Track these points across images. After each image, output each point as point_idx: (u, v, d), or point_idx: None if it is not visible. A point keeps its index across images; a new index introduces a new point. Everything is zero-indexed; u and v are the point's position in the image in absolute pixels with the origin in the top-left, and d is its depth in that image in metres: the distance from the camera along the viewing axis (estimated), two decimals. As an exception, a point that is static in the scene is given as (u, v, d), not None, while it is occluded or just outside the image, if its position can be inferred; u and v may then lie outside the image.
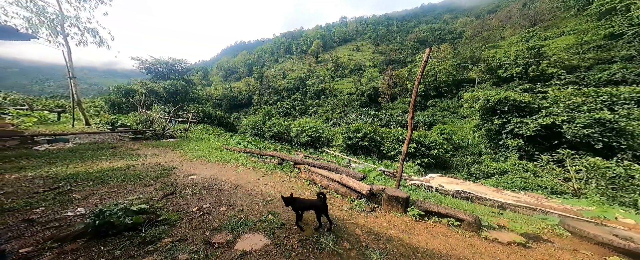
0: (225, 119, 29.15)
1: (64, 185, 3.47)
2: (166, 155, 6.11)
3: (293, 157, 5.13)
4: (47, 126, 10.93)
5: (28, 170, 4.02)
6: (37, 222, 2.37)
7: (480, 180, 11.57)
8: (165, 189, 3.67)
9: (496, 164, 12.39)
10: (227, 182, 4.29)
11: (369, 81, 58.57)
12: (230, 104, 67.18)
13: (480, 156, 15.49)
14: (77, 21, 11.99)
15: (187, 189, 3.74)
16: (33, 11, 10.63)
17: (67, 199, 3.01)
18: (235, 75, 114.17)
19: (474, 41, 59.33)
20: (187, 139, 8.78)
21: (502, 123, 13.05)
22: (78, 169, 4.39)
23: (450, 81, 46.64)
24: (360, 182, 3.66)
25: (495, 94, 13.18)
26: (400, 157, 3.53)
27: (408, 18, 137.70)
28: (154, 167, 4.93)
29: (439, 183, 5.51)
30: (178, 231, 2.40)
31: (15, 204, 2.72)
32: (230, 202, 3.37)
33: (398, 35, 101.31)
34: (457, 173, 14.50)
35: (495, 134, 13.89)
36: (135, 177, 4.09)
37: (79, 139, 7.95)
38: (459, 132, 21.26)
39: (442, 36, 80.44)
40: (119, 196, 3.29)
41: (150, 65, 27.62)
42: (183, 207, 3.10)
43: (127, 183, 3.81)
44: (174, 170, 4.81)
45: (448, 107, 41.66)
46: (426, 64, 3.29)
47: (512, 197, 4.72)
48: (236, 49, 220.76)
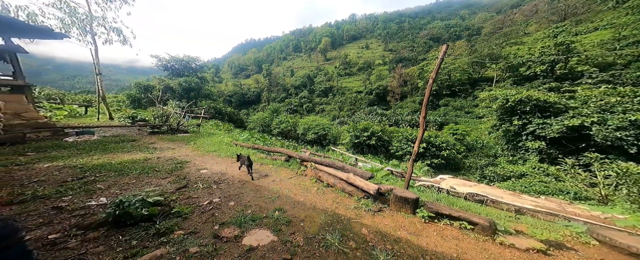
0: (235, 115, 29.90)
1: (89, 176, 3.74)
2: (180, 149, 6.38)
3: (300, 154, 5.17)
4: (76, 119, 11.79)
5: (59, 160, 4.37)
6: (64, 209, 2.58)
7: (494, 183, 11.07)
8: (179, 182, 3.83)
9: (513, 167, 11.77)
10: (236, 177, 4.41)
11: (378, 79, 57.84)
12: (240, 101, 68.80)
13: (496, 158, 14.81)
14: (103, 21, 12.72)
15: (198, 183, 3.89)
16: (66, 12, 11.41)
17: (92, 189, 3.24)
18: (245, 72, 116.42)
19: (494, 37, 56.15)
20: (199, 134, 9.12)
21: (523, 124, 12.29)
22: (102, 160, 4.70)
23: (465, 80, 44.81)
24: (367, 182, 3.62)
25: (516, 93, 12.39)
26: (411, 157, 3.44)
27: (421, 15, 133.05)
28: (168, 160, 5.16)
29: (451, 185, 5.32)
30: (189, 224, 2.51)
31: (47, 191, 2.97)
32: (239, 197, 3.47)
33: (410, 32, 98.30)
34: (470, 175, 13.98)
35: (514, 136, 13.12)
36: (152, 170, 4.31)
37: (103, 131, 8.49)
38: (473, 133, 20.36)
39: (458, 33, 76.93)
40: (137, 187, 3.49)
41: (167, 62, 28.89)
42: (194, 200, 3.23)
43: (144, 175, 4.03)
44: (187, 164, 5.01)
45: (461, 106, 40.34)
46: (442, 61, 3.15)
47: (530, 201, 4.46)
48: (246, 46, 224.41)
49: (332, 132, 22.07)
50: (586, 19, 44.79)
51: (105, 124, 10.27)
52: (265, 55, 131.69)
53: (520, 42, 44.53)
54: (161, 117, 10.33)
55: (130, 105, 22.10)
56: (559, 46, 26.76)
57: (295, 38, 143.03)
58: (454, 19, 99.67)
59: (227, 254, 2.00)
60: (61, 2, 11.08)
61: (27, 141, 5.69)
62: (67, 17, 11.33)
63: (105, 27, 12.80)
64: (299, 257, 2.06)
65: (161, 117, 10.33)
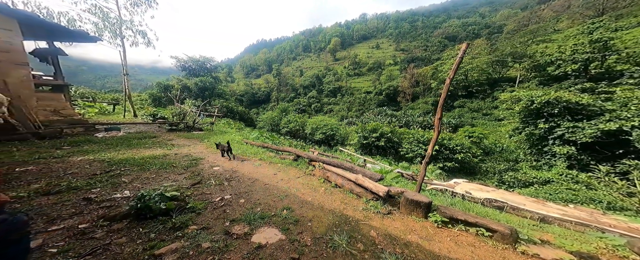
0: (245, 114, 30.68)
1: (115, 169, 4.04)
2: (195, 146, 6.69)
3: (308, 154, 5.20)
4: (105, 116, 12.78)
5: (90, 154, 4.78)
6: (93, 201, 2.81)
7: (514, 189, 10.48)
8: (193, 179, 4.02)
9: (537, 173, 10.98)
10: (246, 175, 4.53)
11: (389, 79, 56.78)
12: (250, 100, 70.38)
13: (517, 163, 13.93)
14: (131, 24, 13.68)
15: (211, 179, 4.05)
16: (100, 17, 12.43)
17: (117, 182, 3.50)
18: (256, 72, 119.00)
19: (518, 35, 52.65)
20: (212, 132, 9.50)
21: (549, 127, 11.38)
22: (126, 155, 5.06)
23: (483, 80, 42.57)
24: (377, 184, 3.56)
25: (543, 94, 11.49)
26: (424, 160, 3.33)
27: (436, 13, 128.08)
28: (184, 157, 5.43)
29: (466, 189, 5.06)
30: (202, 219, 2.63)
31: (79, 183, 3.25)
32: (249, 195, 3.56)
33: (423, 31, 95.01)
34: (487, 180, 13.30)
35: (539, 140, 12.21)
36: (170, 166, 4.56)
37: (127, 128, 9.12)
38: (491, 136, 19.30)
39: (477, 31, 73.02)
40: (157, 182, 3.71)
41: (185, 63, 30.42)
42: (207, 196, 3.37)
43: (163, 170, 4.27)
44: (201, 161, 5.24)
45: (479, 108, 38.39)
46: (461, 60, 3.01)
47: (557, 209, 4.13)
48: (258, 47, 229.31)
49: (340, 133, 21.99)
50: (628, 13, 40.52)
51: (129, 121, 11.03)
52: (275, 55, 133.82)
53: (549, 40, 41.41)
54: (179, 115, 10.90)
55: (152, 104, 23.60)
56: (595, 43, 24.48)
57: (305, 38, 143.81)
58: (472, 17, 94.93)
59: (237, 251, 2.07)
60: (96, 7, 12.10)
61: (64, 136, 6.27)
62: (100, 21, 12.34)
63: (132, 30, 13.79)
64: (307, 257, 2.07)
65: (179, 115, 10.90)
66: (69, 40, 7.54)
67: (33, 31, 6.65)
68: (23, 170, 3.73)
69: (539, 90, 12.50)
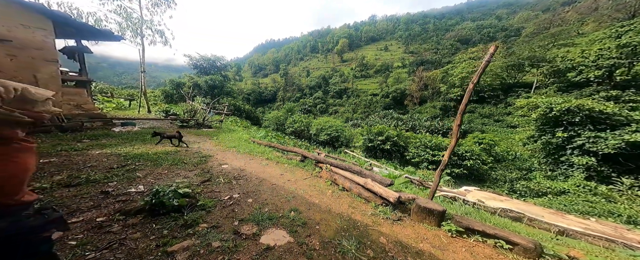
0: (252, 112, 31.07)
1: (130, 164, 4.19)
2: (204, 143, 6.84)
3: (315, 155, 5.19)
4: (121, 111, 13.31)
5: (107, 148, 4.98)
6: (110, 194, 2.91)
7: (526, 199, 10.13)
8: (203, 176, 4.10)
9: (552, 183, 10.53)
10: (254, 174, 4.57)
11: (396, 82, 56.04)
12: (257, 99, 71.07)
13: (530, 172, 13.41)
14: (151, 24, 14.19)
15: (220, 177, 4.11)
16: (123, 17, 12.99)
17: (132, 176, 3.62)
18: (264, 71, 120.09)
19: (537, 39, 50.48)
20: (221, 130, 9.68)
21: (568, 137, 10.84)
22: (140, 150, 5.23)
23: (497, 85, 41.20)
24: (387, 189, 3.49)
25: (563, 102, 10.95)
26: (440, 167, 3.23)
27: (449, 15, 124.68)
28: (194, 154, 5.55)
29: (478, 198, 4.88)
30: (212, 217, 2.66)
31: (97, 176, 3.39)
32: (256, 195, 3.59)
33: (435, 33, 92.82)
34: (497, 188, 12.89)
35: (556, 149, 11.65)
36: (181, 162, 4.67)
37: (142, 123, 9.45)
38: (503, 143, 18.69)
39: (492, 34, 70.53)
40: (169, 178, 3.81)
41: (196, 61, 31.33)
42: (216, 194, 3.42)
43: (175, 167, 4.39)
44: (210, 158, 5.34)
45: (490, 114, 37.20)
46: (488, 63, 2.89)
47: (578, 222, 3.89)
48: (266, 46, 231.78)
49: (345, 135, 21.87)
50: (663, 15, 37.86)
51: (143, 116, 11.43)
52: (283, 55, 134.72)
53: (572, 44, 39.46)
54: (190, 112, 11.20)
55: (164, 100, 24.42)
56: (623, 48, 23.04)
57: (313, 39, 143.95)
58: (488, 19, 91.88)
59: (246, 251, 2.08)
60: (121, 8, 12.66)
61: (84, 129, 6.58)
62: (124, 21, 12.89)
63: (152, 29, 14.29)
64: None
65: (190, 112, 11.20)
66: (95, 39, 7.93)
67: (64, 30, 7.03)
68: (46, 162, 3.93)
69: (558, 97, 11.92)
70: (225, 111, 11.08)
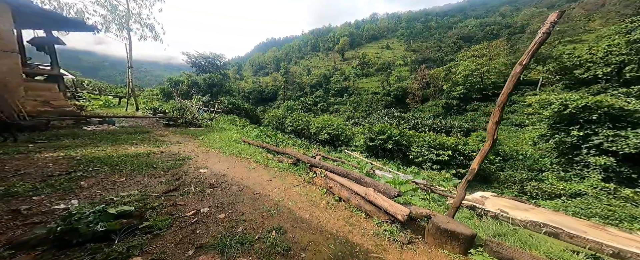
0: (251, 111, 30.65)
1: (80, 170, 3.47)
2: (187, 144, 6.12)
3: (309, 158, 4.46)
4: (108, 109, 12.61)
5: (62, 150, 4.27)
6: (21, 214, 2.19)
7: (537, 201, 9.52)
8: (170, 184, 3.39)
9: (566, 184, 9.83)
10: (236, 180, 3.87)
11: (398, 80, 55.29)
12: (257, 98, 70.65)
13: (541, 172, 12.72)
14: (139, 18, 13.42)
15: (191, 185, 3.40)
16: (108, 9, 12.21)
17: (72, 187, 2.90)
18: (264, 70, 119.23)
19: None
20: (210, 129, 8.97)
21: (584, 135, 10.06)
22: (105, 152, 4.52)
23: (501, 83, 40.70)
24: (393, 202, 2.77)
25: (579, 98, 10.16)
26: (466, 177, 2.47)
27: (451, 13, 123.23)
28: (171, 155, 4.84)
29: (500, 207, 4.14)
30: (157, 245, 1.95)
31: (22, 188, 2.67)
32: (232, 208, 2.91)
33: (437, 31, 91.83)
34: (505, 189, 12.23)
35: (570, 148, 10.88)
36: (149, 166, 3.96)
37: (125, 122, 8.76)
38: (507, 142, 17.99)
39: (496, 31, 69.63)
40: (123, 188, 3.10)
41: (195, 59, 30.69)
42: (179, 208, 2.72)
43: (138, 172, 3.67)
44: (188, 161, 4.63)
45: (493, 112, 37.17)
46: (543, 41, 2.06)
47: (628, 240, 3.15)
48: (267, 45, 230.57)
49: (345, 134, 21.23)
50: (672, 11, 36.85)
51: (130, 114, 10.74)
52: (284, 54, 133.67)
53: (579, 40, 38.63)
54: (179, 110, 10.49)
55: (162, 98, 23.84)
56: (633, 44, 22.40)
57: (314, 37, 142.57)
58: (491, 17, 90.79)
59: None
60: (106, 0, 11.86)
61: (50, 128, 5.88)
62: (109, 14, 12.12)
63: (141, 23, 13.53)
64: None
65: (179, 110, 10.49)
66: (65, 29, 7.24)
67: (28, 19, 6.32)
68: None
69: (573, 94, 11.13)
70: (216, 109, 10.32)
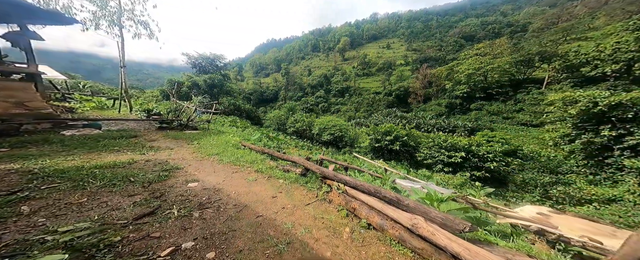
0: (252, 112, 30.14)
1: (31, 188, 2.67)
2: (179, 149, 5.32)
3: (322, 169, 3.64)
4: (101, 111, 11.86)
5: (19, 161, 3.47)
6: None
7: (564, 207, 8.67)
8: (147, 204, 2.59)
9: (597, 189, 8.96)
10: (233, 197, 3.07)
11: (399, 80, 54.74)
12: (258, 99, 70.41)
13: (563, 175, 11.88)
14: (132, 14, 12.73)
15: (174, 207, 2.59)
16: (98, 5, 11.51)
17: (7, 214, 2.11)
18: (265, 71, 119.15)
19: (548, 33, 48.99)
20: (207, 132, 8.18)
21: (617, 135, 9.19)
22: (75, 162, 3.73)
23: (505, 81, 40.12)
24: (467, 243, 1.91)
25: (611, 95, 9.30)
26: None
27: (452, 12, 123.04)
28: (157, 165, 4.04)
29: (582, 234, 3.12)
30: None
31: None
32: (226, 241, 2.12)
33: (438, 30, 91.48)
34: (525, 193, 11.38)
35: (600, 149, 10.00)
36: (125, 180, 3.16)
37: (114, 124, 7.99)
38: (514, 141, 17.19)
39: (497, 30, 68.97)
40: (81, 212, 2.30)
41: (195, 60, 30.15)
42: (151, 244, 1.92)
43: (108, 189, 2.87)
44: (176, 172, 3.82)
45: (498, 111, 35.62)
46: None
47: None
48: (268, 46, 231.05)
49: (349, 134, 20.40)
50: (678, 7, 36.14)
51: (121, 116, 9.98)
52: (284, 54, 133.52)
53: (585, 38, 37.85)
54: (175, 112, 9.71)
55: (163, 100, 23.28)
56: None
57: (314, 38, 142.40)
58: (492, 16, 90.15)
59: None
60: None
61: (21, 133, 5.12)
62: (98, 10, 11.43)
63: (134, 20, 12.84)
64: None
65: (175, 112, 9.71)
66: (41, 22, 6.53)
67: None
68: None
69: (603, 91, 10.27)
70: (213, 110, 9.52)
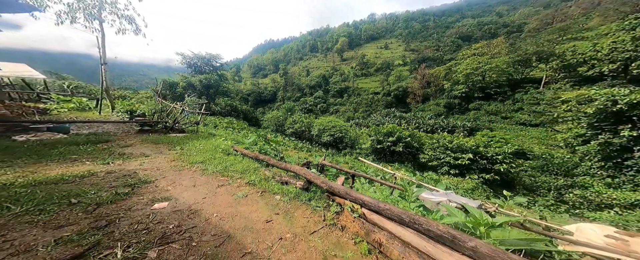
0: (250, 113, 29.25)
1: None
2: (156, 157, 4.46)
3: (330, 183, 2.85)
4: (81, 112, 10.88)
5: None
6: None
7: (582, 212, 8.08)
8: (78, 241, 1.76)
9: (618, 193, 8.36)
10: (213, 223, 2.25)
11: (397, 80, 54.87)
12: (256, 99, 69.73)
13: (575, 177, 11.36)
14: (115, 8, 11.83)
15: (118, 245, 1.76)
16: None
17: None
18: (263, 72, 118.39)
19: (545, 33, 49.44)
20: (196, 135, 7.32)
21: (638, 136, 8.62)
22: (5, 177, 2.87)
23: (503, 81, 40.34)
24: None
25: (632, 93, 8.73)
26: None
27: (448, 13, 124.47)
28: (119, 179, 3.20)
29: None
30: None
31: None
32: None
33: (435, 31, 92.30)
34: (538, 197, 10.78)
35: (618, 151, 9.44)
36: (61, 203, 2.32)
37: (89, 127, 7.09)
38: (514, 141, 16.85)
39: (493, 30, 69.67)
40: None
41: (190, 60, 29.12)
42: None
43: (28, 217, 2.03)
44: (143, 187, 2.99)
45: (497, 111, 35.55)
46: None
47: None
48: (265, 47, 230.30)
49: (349, 135, 19.70)
50: (671, 8, 36.60)
51: (101, 118, 9.05)
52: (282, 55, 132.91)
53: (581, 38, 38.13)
54: (161, 113, 8.80)
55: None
56: (639, 40, 21.88)
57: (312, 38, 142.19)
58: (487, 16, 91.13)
59: None
60: None
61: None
62: (75, 1, 10.49)
63: (118, 14, 11.94)
64: None
65: (161, 113, 8.80)
66: None
67: None
68: None
69: (622, 89, 9.71)
70: (202, 110, 8.64)
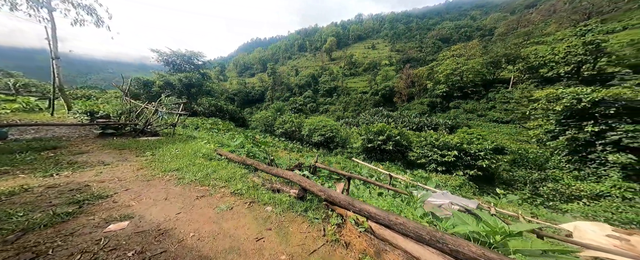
0: (236, 113, 27.89)
1: None
2: (118, 165, 3.74)
3: (327, 191, 2.48)
4: (28, 114, 9.29)
5: None
6: None
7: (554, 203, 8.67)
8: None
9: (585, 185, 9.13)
10: (188, 247, 1.76)
11: (384, 80, 56.50)
12: (243, 99, 67.51)
13: (545, 171, 12.32)
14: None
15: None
16: None
17: None
18: (250, 71, 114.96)
19: (512, 37, 53.98)
20: (172, 138, 6.50)
21: (600, 131, 9.47)
22: None
23: (478, 81, 43.30)
24: None
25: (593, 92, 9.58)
26: None
27: (429, 15, 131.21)
28: (65, 194, 2.53)
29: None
30: None
31: None
32: None
33: (418, 32, 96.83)
34: (516, 191, 11.48)
35: (583, 145, 10.31)
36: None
37: (34, 131, 5.95)
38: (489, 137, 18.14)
39: (469, 33, 74.87)
40: None
41: (168, 57, 26.82)
42: None
43: None
44: (95, 203, 2.36)
45: (474, 109, 37.95)
46: None
47: None
48: (252, 45, 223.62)
49: (340, 135, 19.61)
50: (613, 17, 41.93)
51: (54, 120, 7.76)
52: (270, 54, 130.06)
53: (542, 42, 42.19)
54: (129, 114, 7.74)
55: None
56: (588, 45, 24.58)
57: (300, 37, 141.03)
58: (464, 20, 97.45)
59: None
60: None
61: None
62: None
63: (72, 3, 10.44)
64: None
65: (129, 114, 7.74)
66: None
67: None
68: None
69: (586, 87, 10.61)
70: (180, 111, 7.75)
